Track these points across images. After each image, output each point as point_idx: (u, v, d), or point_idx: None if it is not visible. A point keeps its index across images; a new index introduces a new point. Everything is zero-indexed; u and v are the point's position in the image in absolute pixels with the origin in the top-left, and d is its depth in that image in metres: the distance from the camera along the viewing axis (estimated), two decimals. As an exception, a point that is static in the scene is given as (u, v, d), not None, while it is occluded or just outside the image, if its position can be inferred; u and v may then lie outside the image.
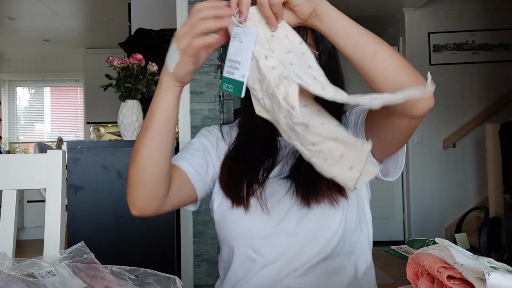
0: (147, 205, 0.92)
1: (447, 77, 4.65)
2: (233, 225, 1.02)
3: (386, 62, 0.79)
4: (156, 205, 0.93)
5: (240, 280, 1.02)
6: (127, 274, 0.72)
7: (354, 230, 1.01)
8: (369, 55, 0.79)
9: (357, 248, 1.03)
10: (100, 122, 6.48)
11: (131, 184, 0.91)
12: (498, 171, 3.80)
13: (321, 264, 0.99)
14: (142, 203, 0.92)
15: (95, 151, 2.19)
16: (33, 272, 0.68)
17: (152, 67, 2.33)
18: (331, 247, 0.99)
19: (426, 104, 0.82)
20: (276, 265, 0.99)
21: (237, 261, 1.02)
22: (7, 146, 6.71)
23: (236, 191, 1.02)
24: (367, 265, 1.05)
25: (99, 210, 2.16)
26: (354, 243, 1.02)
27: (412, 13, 4.70)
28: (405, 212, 4.78)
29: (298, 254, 0.99)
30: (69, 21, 5.57)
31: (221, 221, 1.04)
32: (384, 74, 0.79)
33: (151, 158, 0.88)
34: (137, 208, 0.92)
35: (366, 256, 1.05)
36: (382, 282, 1.02)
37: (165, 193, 0.93)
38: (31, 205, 5.47)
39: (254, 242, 1.00)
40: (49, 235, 1.01)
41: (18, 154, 5.87)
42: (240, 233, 1.02)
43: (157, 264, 2.17)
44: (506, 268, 0.60)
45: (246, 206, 1.00)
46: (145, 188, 0.90)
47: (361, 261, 1.04)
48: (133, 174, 0.90)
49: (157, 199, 0.93)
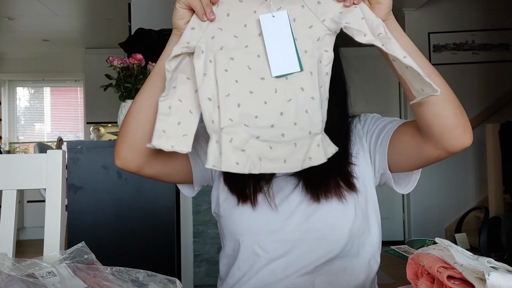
0: (131, 157, 0.93)
1: (447, 77, 4.55)
2: (239, 220, 1.02)
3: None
4: (141, 161, 0.94)
5: (244, 275, 1.02)
6: (127, 275, 0.72)
7: (363, 231, 1.01)
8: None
9: (365, 250, 1.02)
10: (100, 122, 6.48)
11: (121, 133, 0.93)
12: (498, 171, 3.80)
13: (329, 264, 0.99)
14: (126, 152, 0.93)
15: (95, 151, 2.19)
16: (34, 273, 0.68)
17: (152, 67, 2.32)
18: (340, 247, 0.98)
19: (464, 142, 0.87)
20: (281, 262, 0.99)
21: (243, 255, 1.02)
22: (7, 146, 6.71)
23: (242, 189, 1.02)
24: (375, 267, 1.04)
25: (99, 210, 2.16)
26: (363, 245, 1.02)
27: (412, 13, 4.70)
28: (405, 212, 4.78)
29: (305, 253, 0.98)
30: (69, 21, 5.57)
31: (227, 216, 1.04)
32: (432, 98, 0.79)
33: (145, 108, 0.89)
34: (121, 157, 0.94)
35: (375, 258, 1.04)
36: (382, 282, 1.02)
37: (152, 151, 0.93)
38: (31, 205, 5.47)
39: (261, 238, 1.00)
40: (49, 235, 1.01)
41: (18, 154, 5.87)
42: (247, 227, 1.01)
43: (157, 264, 2.17)
44: (506, 268, 0.60)
45: (253, 203, 1.00)
46: (132, 137, 0.91)
47: (371, 263, 1.03)
48: (125, 123, 0.92)
49: (145, 154, 0.93)
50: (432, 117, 0.85)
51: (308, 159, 0.78)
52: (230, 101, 0.78)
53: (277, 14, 0.78)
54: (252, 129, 0.78)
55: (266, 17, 0.78)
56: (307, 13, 0.79)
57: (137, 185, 2.14)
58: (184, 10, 0.82)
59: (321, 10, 0.79)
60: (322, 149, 0.78)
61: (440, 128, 0.86)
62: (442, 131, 0.86)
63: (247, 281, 1.01)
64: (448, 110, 0.85)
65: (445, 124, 0.85)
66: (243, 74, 0.79)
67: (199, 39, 0.79)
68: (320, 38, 0.79)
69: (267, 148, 0.78)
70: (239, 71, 0.79)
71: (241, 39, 0.79)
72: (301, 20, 0.79)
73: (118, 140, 0.94)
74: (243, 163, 0.77)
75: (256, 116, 0.78)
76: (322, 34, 0.79)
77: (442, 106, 0.84)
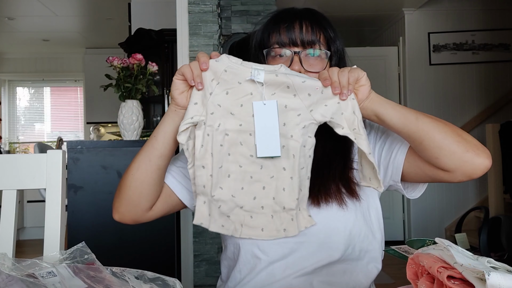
0: (128, 212, 0.98)
1: (447, 77, 4.65)
2: None
3: (430, 125, 0.88)
4: (137, 215, 0.99)
5: (244, 278, 1.02)
6: (127, 276, 0.72)
7: (365, 236, 1.01)
8: (413, 121, 0.89)
9: (367, 255, 1.02)
10: (100, 122, 6.48)
11: (119, 189, 0.98)
12: (498, 171, 3.80)
13: (328, 266, 0.99)
14: (123, 208, 0.98)
15: (95, 151, 2.19)
16: (34, 273, 0.68)
17: (152, 67, 2.32)
18: (340, 251, 0.99)
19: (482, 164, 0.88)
20: (280, 264, 0.99)
21: (243, 258, 1.02)
22: (7, 146, 6.71)
23: None
24: (374, 272, 1.04)
25: (99, 210, 2.16)
26: (365, 250, 1.02)
27: (412, 13, 4.70)
28: (405, 212, 4.78)
29: (305, 256, 0.99)
30: (69, 21, 5.57)
31: None
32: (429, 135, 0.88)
33: (142, 168, 0.95)
34: (119, 212, 0.99)
35: (376, 264, 1.04)
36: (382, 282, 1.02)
37: (149, 206, 0.99)
38: (31, 205, 5.46)
39: (261, 241, 1.00)
40: (49, 235, 1.01)
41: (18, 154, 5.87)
42: None
43: (157, 264, 2.17)
44: (506, 268, 0.60)
45: None
46: (129, 195, 0.96)
47: (371, 268, 1.03)
48: (123, 180, 0.97)
49: (138, 208, 0.98)
50: (437, 150, 0.88)
51: (283, 230, 0.91)
52: (222, 172, 0.89)
53: (268, 103, 0.87)
54: (237, 199, 0.89)
55: (259, 104, 0.87)
56: (297, 102, 0.88)
57: (137, 185, 2.13)
58: (179, 81, 0.89)
59: (310, 101, 0.88)
60: (296, 223, 0.90)
61: (449, 158, 0.87)
62: (452, 160, 0.87)
63: (247, 283, 1.02)
64: (447, 140, 0.87)
65: (453, 153, 0.87)
66: (235, 149, 0.89)
67: (202, 112, 0.88)
68: (306, 126, 0.88)
69: (248, 217, 0.90)
70: (232, 147, 0.89)
71: (237, 117, 0.88)
72: (291, 108, 0.88)
73: (116, 195, 0.99)
74: (227, 227, 0.91)
75: (242, 188, 0.89)
76: (308, 123, 0.88)
77: (441, 137, 0.87)
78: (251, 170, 0.89)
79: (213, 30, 2.73)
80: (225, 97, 0.88)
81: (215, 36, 2.73)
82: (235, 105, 0.88)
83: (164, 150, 0.94)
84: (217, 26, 2.74)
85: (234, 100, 0.88)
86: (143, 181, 0.95)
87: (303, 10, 1.04)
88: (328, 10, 4.25)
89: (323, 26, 1.01)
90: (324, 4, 4.22)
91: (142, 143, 2.23)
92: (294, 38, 0.98)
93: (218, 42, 2.79)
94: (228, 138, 0.88)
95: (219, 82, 0.88)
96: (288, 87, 0.87)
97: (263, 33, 1.03)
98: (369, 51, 4.92)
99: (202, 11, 2.72)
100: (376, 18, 4.95)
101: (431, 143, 0.88)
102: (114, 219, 1.00)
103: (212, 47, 2.72)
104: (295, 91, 0.88)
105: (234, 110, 0.88)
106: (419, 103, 4.57)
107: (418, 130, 0.88)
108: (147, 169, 0.94)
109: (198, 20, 2.72)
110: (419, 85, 4.63)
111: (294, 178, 0.89)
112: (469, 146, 0.87)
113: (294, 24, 0.99)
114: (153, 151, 0.94)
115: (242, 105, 0.88)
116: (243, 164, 0.89)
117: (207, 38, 2.72)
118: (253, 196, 0.89)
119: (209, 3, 2.72)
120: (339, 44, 1.03)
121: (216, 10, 2.75)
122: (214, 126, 0.88)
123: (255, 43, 1.06)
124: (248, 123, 0.88)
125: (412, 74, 4.65)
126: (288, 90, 0.88)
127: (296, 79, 0.88)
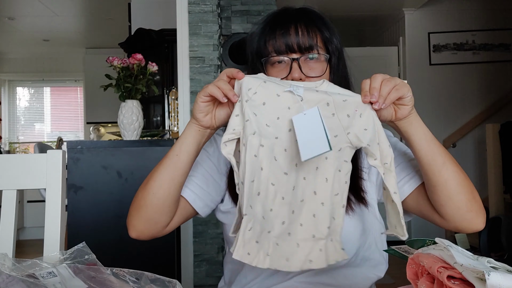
0: (147, 229, 0.95)
1: (447, 77, 4.65)
2: None
3: (452, 174, 0.88)
4: (156, 231, 0.96)
5: (250, 282, 1.03)
6: (128, 276, 0.72)
7: (368, 246, 1.02)
8: (439, 163, 0.88)
9: (367, 264, 1.02)
10: (100, 122, 6.48)
11: (137, 207, 0.94)
12: (498, 171, 3.79)
13: (330, 272, 1.00)
14: (143, 226, 0.95)
15: (95, 151, 2.19)
16: (34, 273, 0.68)
17: (152, 67, 2.32)
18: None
19: (476, 227, 0.91)
20: None
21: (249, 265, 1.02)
22: (7, 146, 6.70)
23: None
24: (374, 279, 1.05)
25: (99, 210, 2.16)
26: (367, 259, 1.02)
27: (412, 13, 4.69)
28: (405, 212, 4.78)
29: None
30: (69, 21, 5.57)
31: (231, 224, 1.04)
32: (447, 183, 0.88)
33: (165, 187, 0.92)
34: (137, 230, 0.95)
35: (377, 272, 1.04)
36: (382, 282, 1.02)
37: (168, 221, 0.97)
38: (31, 205, 5.46)
39: None
40: (49, 235, 1.01)
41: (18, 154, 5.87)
42: None
43: (157, 264, 2.17)
44: (506, 268, 0.60)
45: None
46: (150, 213, 0.93)
47: (371, 276, 1.03)
48: (142, 197, 0.94)
49: (159, 225, 0.96)
50: (446, 199, 0.89)
51: (308, 261, 0.80)
52: (253, 187, 0.81)
53: (309, 112, 0.81)
54: (266, 223, 0.81)
55: (298, 116, 0.81)
56: (336, 123, 0.82)
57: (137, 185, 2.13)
58: (205, 103, 0.86)
59: (349, 123, 0.82)
60: (324, 254, 0.81)
61: (452, 210, 0.89)
62: (454, 213, 0.90)
63: (251, 287, 1.03)
64: (462, 195, 0.89)
65: (458, 208, 0.89)
66: (269, 164, 0.81)
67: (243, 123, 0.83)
68: (341, 149, 0.82)
69: (274, 245, 0.81)
70: (265, 160, 0.81)
71: (273, 129, 0.82)
72: (328, 127, 0.80)
73: (134, 214, 0.95)
74: (253, 255, 0.80)
75: (271, 209, 0.81)
76: (344, 146, 0.82)
77: (456, 191, 0.88)
78: (283, 190, 0.81)
79: (213, 30, 2.73)
80: (262, 107, 0.82)
81: (215, 36, 2.73)
82: (272, 117, 0.82)
83: (187, 169, 0.93)
84: (217, 26, 2.74)
85: (272, 110, 0.82)
86: (166, 199, 0.93)
87: (298, 11, 1.02)
88: (328, 10, 4.24)
89: (318, 27, 0.99)
90: (324, 3, 4.21)
91: (142, 143, 2.23)
92: (290, 44, 0.96)
93: (218, 42, 2.79)
94: (263, 150, 0.82)
95: (256, 92, 0.83)
96: (328, 104, 0.82)
97: (259, 41, 1.01)
98: (369, 51, 4.91)
99: (202, 11, 2.72)
100: (376, 18, 4.95)
101: (445, 191, 0.89)
102: (131, 236, 0.96)
103: (212, 47, 2.72)
104: (334, 110, 0.82)
105: (270, 122, 0.82)
106: (419, 103, 4.54)
107: (440, 174, 0.88)
108: (170, 187, 0.92)
109: (198, 20, 2.72)
110: (419, 85, 4.62)
111: (326, 204, 0.81)
112: (475, 206, 0.90)
113: (290, 29, 0.97)
114: (176, 170, 0.92)
115: (279, 118, 0.82)
116: (276, 183, 0.81)
117: (207, 38, 2.72)
118: (281, 221, 0.81)
119: (209, 3, 2.72)
120: (336, 42, 1.01)
121: (216, 10, 2.75)
122: (247, 134, 0.81)
123: (252, 51, 1.03)
124: (284, 138, 0.82)
125: (412, 74, 4.65)
126: (328, 108, 0.82)
127: (337, 97, 0.82)
